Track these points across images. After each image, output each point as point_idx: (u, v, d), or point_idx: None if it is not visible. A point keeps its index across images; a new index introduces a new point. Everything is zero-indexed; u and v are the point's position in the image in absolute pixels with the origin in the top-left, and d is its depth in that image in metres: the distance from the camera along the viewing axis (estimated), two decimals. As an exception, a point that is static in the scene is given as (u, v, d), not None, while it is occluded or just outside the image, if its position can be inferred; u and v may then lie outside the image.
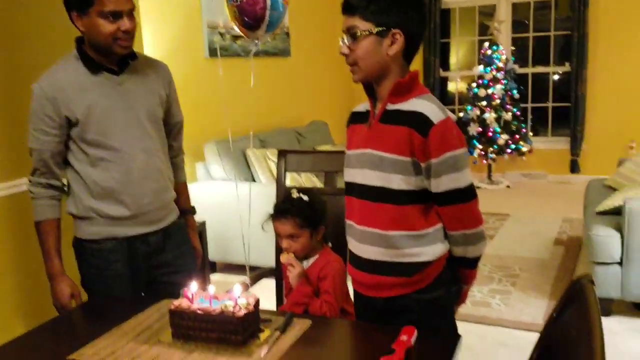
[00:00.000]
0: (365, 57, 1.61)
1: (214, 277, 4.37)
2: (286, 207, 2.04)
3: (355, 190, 1.72)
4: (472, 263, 1.73)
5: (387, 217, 1.64)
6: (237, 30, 2.76)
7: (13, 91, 3.12)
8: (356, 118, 1.80)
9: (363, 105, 1.79)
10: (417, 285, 1.67)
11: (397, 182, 1.61)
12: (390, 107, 1.64)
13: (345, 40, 1.62)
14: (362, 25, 1.59)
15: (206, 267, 4.04)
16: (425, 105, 1.60)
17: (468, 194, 1.63)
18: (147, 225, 2.12)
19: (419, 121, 1.57)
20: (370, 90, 1.71)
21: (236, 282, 3.90)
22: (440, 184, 1.60)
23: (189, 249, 2.32)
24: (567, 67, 6.82)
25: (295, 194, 2.05)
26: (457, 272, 1.75)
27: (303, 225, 2.01)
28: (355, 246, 1.74)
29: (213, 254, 4.29)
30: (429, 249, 1.66)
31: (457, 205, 1.63)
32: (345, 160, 1.78)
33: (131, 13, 1.96)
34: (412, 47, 1.64)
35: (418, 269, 1.66)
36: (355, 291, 1.83)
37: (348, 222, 1.77)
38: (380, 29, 1.58)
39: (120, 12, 1.91)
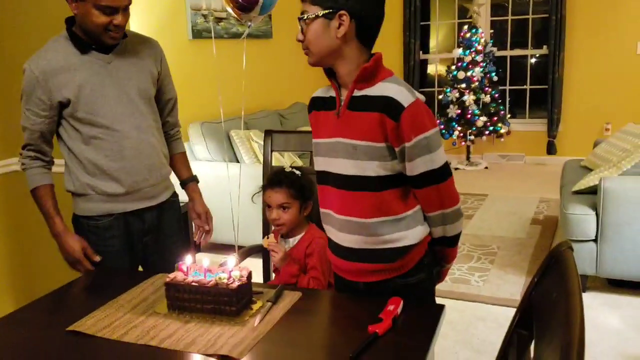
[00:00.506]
0: (314, 40, 1.61)
1: (199, 256, 4.41)
2: (280, 177, 2.10)
3: (330, 179, 1.69)
4: (452, 241, 1.73)
5: (366, 205, 1.64)
6: (230, 11, 2.77)
7: (3, 72, 3.12)
8: (318, 104, 1.76)
9: (323, 90, 1.76)
10: (399, 271, 1.68)
11: (373, 168, 1.60)
12: (358, 93, 1.61)
13: (300, 26, 1.62)
14: (310, 9, 1.59)
15: (190, 246, 4.09)
16: (393, 88, 1.57)
17: (443, 173, 1.62)
18: (143, 201, 2.17)
19: (389, 106, 1.54)
20: (333, 75, 1.68)
21: (219, 261, 3.95)
22: (415, 167, 1.59)
23: (183, 227, 2.38)
24: (544, 50, 6.92)
25: (288, 169, 2.11)
26: (438, 253, 1.76)
27: (295, 196, 2.07)
28: (335, 234, 1.74)
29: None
30: (410, 233, 1.66)
31: (434, 186, 1.62)
32: (314, 148, 1.76)
33: (127, 8, 1.98)
34: (365, 28, 1.60)
35: (400, 255, 1.66)
36: (335, 274, 1.84)
37: (324, 210, 1.76)
38: (326, 11, 1.56)
39: (117, 7, 1.93)
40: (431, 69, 7.81)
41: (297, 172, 2.12)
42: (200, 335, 1.48)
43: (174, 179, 2.37)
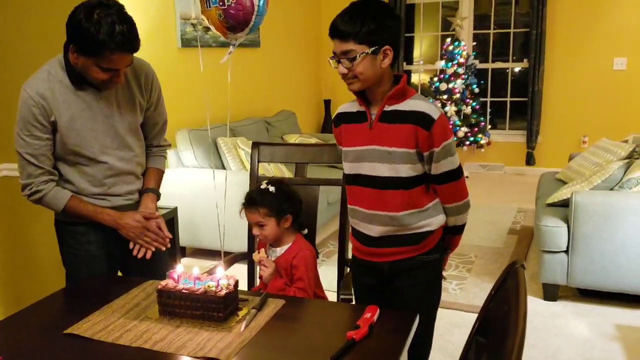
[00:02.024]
0: (365, 73, 1.83)
1: (184, 261, 4.51)
2: (253, 197, 2.19)
3: (361, 180, 1.97)
4: (460, 229, 2.07)
5: (397, 201, 1.92)
6: (213, 29, 2.86)
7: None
8: (346, 118, 2.01)
9: (348, 106, 2.02)
10: (422, 250, 1.99)
11: (406, 170, 1.89)
12: (388, 108, 1.89)
13: (343, 62, 1.83)
14: (357, 48, 1.80)
15: (177, 252, 4.19)
16: (423, 104, 1.87)
17: (459, 172, 1.94)
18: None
19: (422, 119, 1.84)
20: (361, 93, 1.93)
21: (205, 266, 4.04)
22: (440, 167, 1.90)
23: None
24: (525, 64, 7.09)
25: (263, 186, 2.20)
26: (446, 240, 2.08)
27: (269, 214, 2.16)
28: (364, 227, 2.00)
29: (183, 239, 4.44)
30: (434, 220, 1.97)
31: (452, 182, 1.93)
32: (344, 155, 2.02)
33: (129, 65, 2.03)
34: (397, 54, 1.89)
35: (424, 237, 1.97)
36: (355, 258, 2.12)
37: (352, 207, 2.02)
38: (374, 48, 1.80)
39: (117, 69, 1.98)
40: (414, 79, 7.96)
41: (272, 188, 2.19)
42: (190, 339, 1.59)
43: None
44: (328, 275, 2.55)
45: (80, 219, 2.19)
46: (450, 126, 6.61)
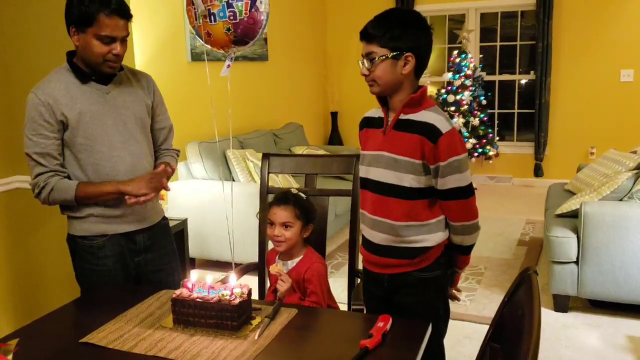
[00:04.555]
0: (383, 76, 1.89)
1: (194, 273, 4.51)
2: (287, 196, 2.22)
3: (369, 185, 2.00)
4: (467, 250, 2.03)
5: (397, 210, 1.93)
6: (208, 47, 2.89)
7: (6, 93, 3.23)
8: (369, 123, 2.07)
9: (374, 111, 2.07)
10: (419, 266, 1.97)
11: (409, 180, 1.90)
12: (403, 116, 1.92)
13: (365, 63, 1.89)
14: (379, 51, 1.86)
15: (187, 264, 4.20)
16: (434, 117, 1.88)
17: (468, 191, 1.92)
18: (135, 223, 2.28)
19: (429, 131, 1.85)
20: (383, 100, 1.98)
21: (216, 277, 4.05)
22: (446, 183, 1.88)
23: (173, 249, 2.48)
24: (532, 76, 7.10)
25: (294, 191, 2.24)
26: (453, 258, 2.04)
27: (299, 216, 2.18)
28: (368, 232, 2.04)
29: (193, 251, 4.45)
30: (432, 237, 1.95)
31: (458, 200, 1.91)
32: (361, 158, 2.07)
33: (125, 39, 2.13)
34: (421, 65, 1.92)
35: (420, 253, 1.96)
36: (364, 267, 2.13)
37: (361, 211, 2.07)
38: (395, 53, 1.85)
39: (115, 37, 2.08)
40: (422, 92, 7.96)
41: (303, 195, 2.23)
42: (205, 348, 1.61)
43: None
44: (336, 287, 2.56)
45: (95, 200, 2.18)
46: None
